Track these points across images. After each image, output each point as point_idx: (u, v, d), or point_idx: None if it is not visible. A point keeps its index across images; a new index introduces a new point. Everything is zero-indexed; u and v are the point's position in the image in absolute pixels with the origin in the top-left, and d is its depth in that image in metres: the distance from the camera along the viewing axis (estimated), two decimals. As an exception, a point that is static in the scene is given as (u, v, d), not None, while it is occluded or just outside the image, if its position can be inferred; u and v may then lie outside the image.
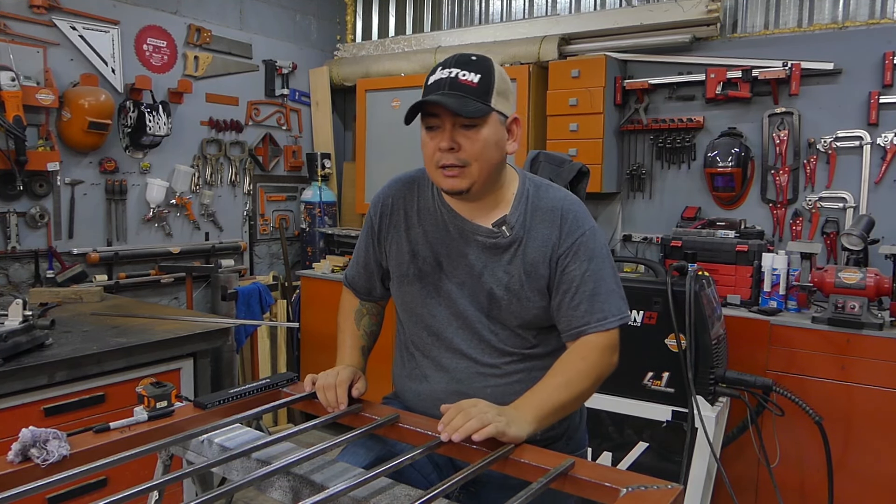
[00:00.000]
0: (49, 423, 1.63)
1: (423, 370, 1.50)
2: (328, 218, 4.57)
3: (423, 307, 1.47)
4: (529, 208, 1.42)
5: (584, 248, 1.38)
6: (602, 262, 1.40)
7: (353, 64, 4.68)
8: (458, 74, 1.30)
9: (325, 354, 4.11)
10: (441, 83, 1.31)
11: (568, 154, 3.14)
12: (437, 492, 1.03)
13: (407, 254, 1.47)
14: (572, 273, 1.37)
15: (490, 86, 1.32)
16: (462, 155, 1.32)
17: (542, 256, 1.39)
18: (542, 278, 1.39)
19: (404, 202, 1.50)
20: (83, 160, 3.52)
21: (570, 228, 1.39)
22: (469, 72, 1.31)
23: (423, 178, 1.50)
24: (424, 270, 1.45)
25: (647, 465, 2.68)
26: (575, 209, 1.42)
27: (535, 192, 1.44)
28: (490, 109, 1.32)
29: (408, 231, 1.48)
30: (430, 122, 1.33)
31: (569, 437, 1.52)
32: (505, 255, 1.40)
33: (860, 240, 2.82)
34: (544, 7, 4.17)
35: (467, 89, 1.30)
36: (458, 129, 1.31)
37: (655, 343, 2.66)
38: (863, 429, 2.68)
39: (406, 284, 1.48)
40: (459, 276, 1.43)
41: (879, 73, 3.11)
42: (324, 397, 1.39)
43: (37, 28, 3.29)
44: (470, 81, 1.30)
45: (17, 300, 2.20)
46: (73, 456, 1.13)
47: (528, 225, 1.41)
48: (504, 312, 1.41)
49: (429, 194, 1.48)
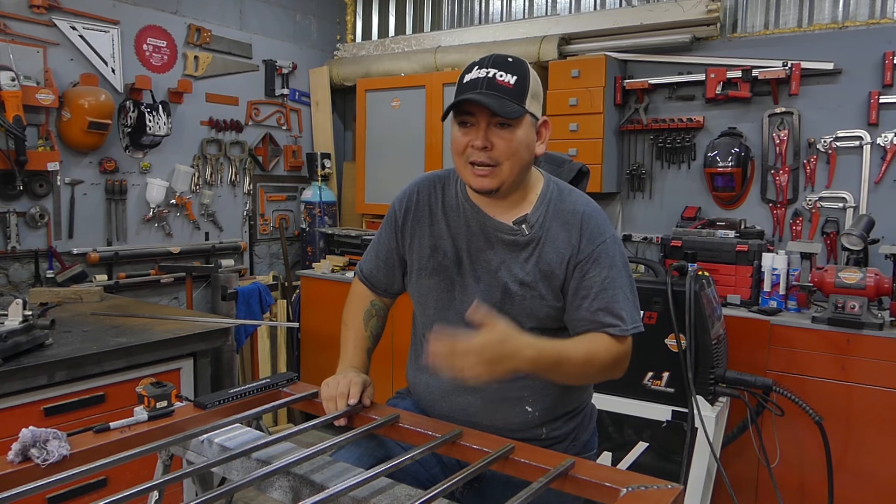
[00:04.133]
0: (49, 423, 1.63)
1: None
2: (328, 218, 4.57)
3: (437, 301, 1.49)
4: (551, 210, 1.44)
5: (605, 255, 1.40)
6: (621, 271, 1.41)
7: (353, 64, 4.68)
8: (496, 75, 1.32)
9: (325, 354, 4.12)
10: (478, 82, 1.32)
11: (568, 154, 3.14)
12: (437, 491, 1.03)
13: (428, 248, 1.50)
14: (592, 279, 1.38)
15: (525, 88, 1.34)
16: (494, 154, 1.34)
17: (560, 259, 1.40)
18: (556, 279, 1.40)
19: (430, 198, 1.53)
20: (83, 160, 3.52)
21: (591, 235, 1.41)
22: (506, 73, 1.33)
23: (450, 178, 1.53)
24: (444, 265, 1.47)
25: (647, 465, 2.68)
26: (597, 216, 1.44)
27: (559, 195, 1.46)
28: (525, 111, 1.34)
29: (431, 226, 1.51)
30: (465, 119, 1.35)
31: (574, 438, 1.52)
32: (523, 252, 1.42)
33: (860, 240, 2.82)
34: (544, 7, 4.17)
35: (504, 90, 1.31)
36: (492, 127, 1.34)
37: (655, 343, 2.66)
38: (863, 429, 2.68)
39: (424, 277, 1.50)
40: (477, 272, 1.45)
41: (879, 73, 3.11)
42: (334, 407, 1.39)
43: (37, 28, 3.29)
44: (507, 83, 1.32)
45: (17, 300, 2.20)
46: (73, 456, 1.13)
47: (546, 226, 1.42)
48: (517, 308, 1.41)
49: (453, 192, 1.51)
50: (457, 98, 1.34)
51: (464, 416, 1.45)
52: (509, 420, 1.44)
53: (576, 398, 1.51)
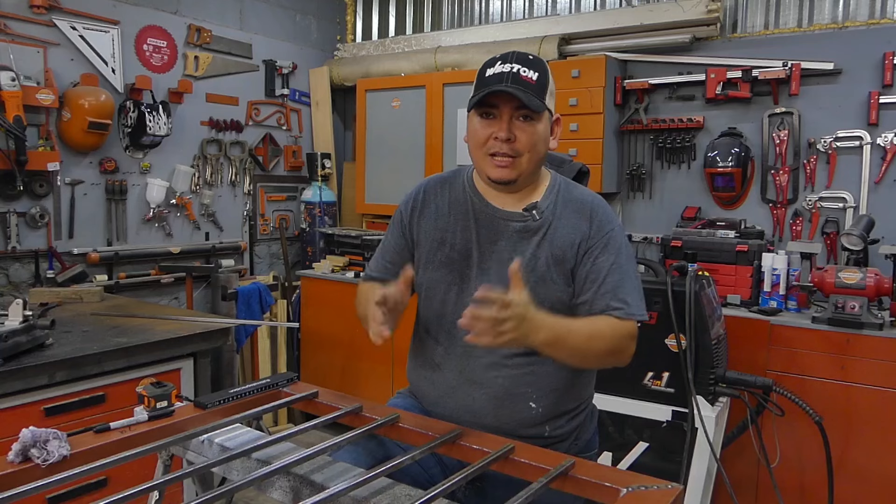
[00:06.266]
0: (49, 423, 1.63)
1: (436, 358, 1.52)
2: (328, 218, 4.57)
3: (445, 293, 1.50)
4: (560, 199, 1.49)
5: (613, 241, 1.45)
6: (629, 259, 1.47)
7: (353, 64, 4.68)
8: (520, 70, 1.37)
9: (326, 354, 4.13)
10: (503, 76, 1.37)
11: (568, 154, 3.14)
12: (437, 491, 1.03)
13: (436, 241, 1.52)
14: (601, 264, 1.43)
15: (546, 85, 1.41)
16: (517, 145, 1.39)
17: (570, 243, 1.44)
18: (567, 263, 1.44)
19: (436, 196, 1.56)
20: (83, 160, 3.52)
21: (601, 222, 1.46)
22: (529, 69, 1.38)
23: (455, 178, 1.57)
24: (452, 258, 1.50)
25: (647, 465, 2.68)
26: (605, 207, 1.50)
27: (566, 187, 1.53)
28: (545, 107, 1.40)
29: (437, 220, 1.54)
30: (489, 111, 1.40)
31: (576, 438, 1.53)
32: (534, 238, 1.45)
33: (860, 240, 2.82)
34: (544, 7, 4.17)
35: (528, 85, 1.37)
36: (514, 120, 1.39)
37: (655, 343, 2.66)
38: (863, 429, 2.68)
39: (431, 270, 1.52)
40: (487, 263, 1.47)
41: (879, 73, 3.11)
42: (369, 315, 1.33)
43: (37, 28, 3.29)
44: (530, 78, 1.37)
45: (18, 300, 2.20)
46: (73, 456, 1.13)
47: (557, 212, 1.47)
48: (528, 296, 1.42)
49: (460, 188, 1.54)
50: (483, 90, 1.37)
51: (468, 413, 1.45)
52: (514, 416, 1.45)
53: (578, 395, 1.52)
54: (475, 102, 1.39)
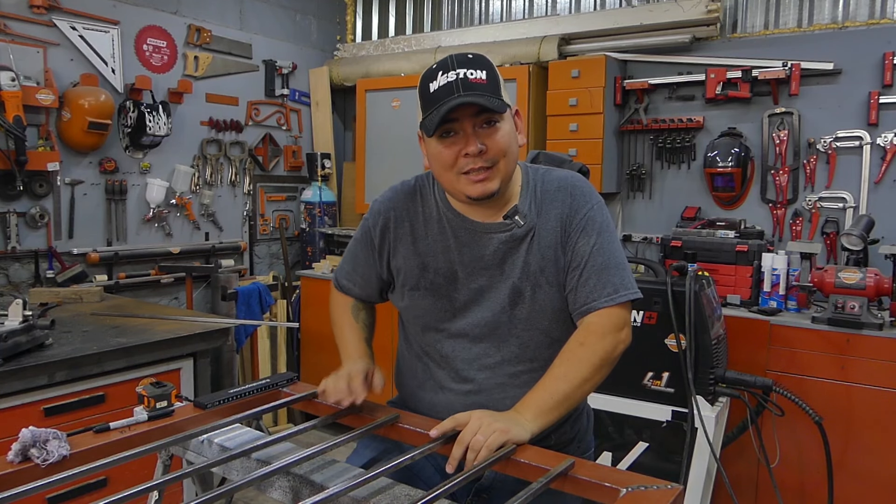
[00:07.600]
0: (49, 423, 1.63)
1: (439, 381, 1.45)
2: (328, 218, 4.57)
3: (438, 321, 1.42)
4: (539, 195, 1.39)
5: (591, 222, 1.36)
6: (610, 235, 1.38)
7: (353, 64, 4.68)
8: (467, 74, 1.25)
9: (325, 354, 4.12)
10: (452, 86, 1.24)
11: (568, 154, 3.14)
12: (438, 492, 1.03)
13: (416, 267, 1.42)
14: (581, 249, 1.35)
15: (497, 79, 1.29)
16: (490, 154, 1.27)
17: (556, 237, 1.36)
18: (559, 260, 1.37)
19: (408, 214, 1.44)
20: (83, 160, 3.52)
21: (578, 203, 1.37)
22: (475, 69, 1.26)
23: (424, 187, 1.46)
24: (437, 283, 1.40)
25: (647, 465, 2.68)
26: (581, 184, 1.40)
27: (540, 178, 1.42)
28: (507, 104, 1.29)
29: (415, 244, 1.43)
30: (448, 128, 1.27)
31: (580, 440, 1.52)
32: (522, 245, 1.37)
33: (860, 240, 2.82)
34: (544, 7, 4.17)
35: (481, 87, 1.25)
36: (477, 130, 1.27)
37: (655, 343, 2.66)
38: (863, 429, 2.68)
39: (418, 297, 1.43)
40: (478, 281, 1.39)
41: (879, 73, 3.11)
42: (335, 398, 1.33)
43: (37, 28, 3.29)
44: (479, 79, 1.26)
45: (17, 300, 2.20)
46: (73, 456, 1.13)
47: (540, 210, 1.38)
48: (527, 306, 1.37)
49: (432, 202, 1.43)
50: (436, 109, 1.24)
51: None
52: None
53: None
54: (436, 127, 1.25)
